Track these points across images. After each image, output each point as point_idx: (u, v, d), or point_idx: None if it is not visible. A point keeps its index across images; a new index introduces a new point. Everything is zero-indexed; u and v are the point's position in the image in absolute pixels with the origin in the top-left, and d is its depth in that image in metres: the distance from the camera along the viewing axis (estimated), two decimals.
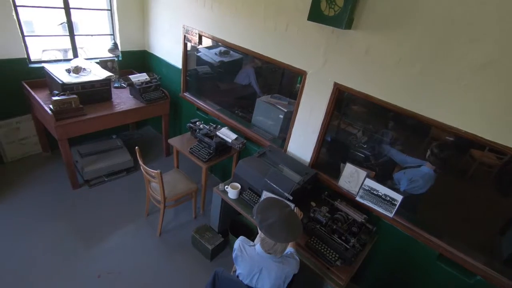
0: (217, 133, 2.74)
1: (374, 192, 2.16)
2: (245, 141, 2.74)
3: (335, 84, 2.12)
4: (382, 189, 2.12)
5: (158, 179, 2.35)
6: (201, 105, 3.31)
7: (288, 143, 2.62)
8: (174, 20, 3.19)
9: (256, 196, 2.29)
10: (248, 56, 2.97)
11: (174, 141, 2.93)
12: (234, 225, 2.68)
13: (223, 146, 2.73)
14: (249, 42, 2.58)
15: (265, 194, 2.10)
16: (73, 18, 3.12)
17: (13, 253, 2.35)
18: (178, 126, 3.83)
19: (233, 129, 2.96)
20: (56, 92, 2.64)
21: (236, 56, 3.52)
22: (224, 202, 2.43)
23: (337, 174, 2.41)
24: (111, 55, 3.45)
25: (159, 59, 3.67)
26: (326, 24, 1.89)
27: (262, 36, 2.45)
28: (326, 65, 2.13)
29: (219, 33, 2.78)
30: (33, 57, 3.00)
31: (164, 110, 3.38)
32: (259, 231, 1.46)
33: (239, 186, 2.34)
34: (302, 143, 2.50)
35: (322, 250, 1.95)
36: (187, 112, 3.58)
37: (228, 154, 2.85)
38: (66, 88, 2.65)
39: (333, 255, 1.92)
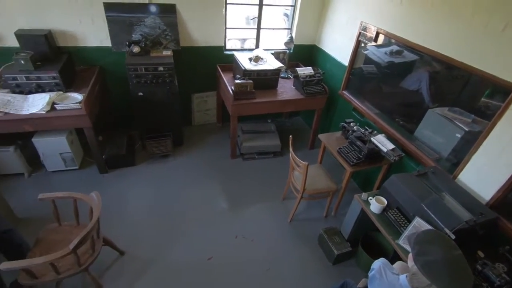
0: (372, 138, 2.55)
1: None
2: (402, 154, 2.43)
3: None
4: None
5: (303, 171, 2.45)
6: (359, 105, 3.16)
7: (461, 170, 2.13)
8: (352, 17, 3.13)
9: (404, 219, 2.01)
10: (424, 58, 2.56)
11: (324, 137, 2.95)
12: (366, 239, 2.49)
13: (375, 154, 2.52)
14: (438, 43, 2.21)
15: (418, 222, 1.81)
16: (255, 14, 3.55)
17: (180, 198, 3.03)
18: (328, 123, 3.83)
19: (389, 137, 2.68)
20: (238, 76, 3.15)
21: (410, 57, 3.09)
22: (363, 213, 2.28)
23: None
24: (284, 47, 3.78)
25: (326, 54, 3.72)
26: None
27: (461, 38, 2.03)
28: None
29: (401, 31, 2.52)
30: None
31: (319, 104, 3.45)
32: (410, 263, 1.27)
33: (386, 202, 2.12)
34: (485, 174, 1.98)
35: None
36: (341, 111, 3.51)
37: (378, 163, 2.62)
38: (246, 73, 3.13)
39: None
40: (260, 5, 3.46)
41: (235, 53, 3.44)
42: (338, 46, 3.46)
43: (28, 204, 2.68)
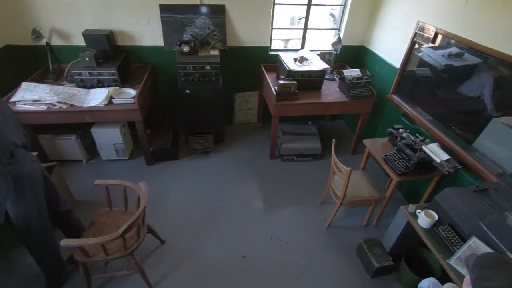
0: (424, 147, 2.37)
1: None
2: (459, 166, 2.22)
3: None
4: None
5: (345, 176, 2.36)
6: (409, 111, 2.96)
7: None
8: (407, 16, 2.94)
9: (457, 237, 1.84)
10: (488, 61, 2.31)
11: (369, 143, 2.81)
12: (410, 254, 2.32)
13: (426, 164, 2.34)
14: (509, 45, 1.98)
15: (475, 243, 1.64)
16: (301, 14, 3.48)
17: (218, 193, 3.08)
18: (373, 128, 3.64)
19: (444, 147, 2.47)
20: (282, 76, 3.13)
21: (472, 60, 2.81)
22: (409, 226, 2.12)
23: None
24: (330, 48, 3.68)
25: (375, 56, 3.55)
26: None
27: None
28: None
29: (465, 31, 2.31)
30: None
31: (365, 108, 3.29)
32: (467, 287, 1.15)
33: (436, 217, 1.96)
34: None
35: None
36: (389, 116, 3.32)
37: (428, 174, 2.43)
38: (290, 74, 3.10)
39: None
40: (309, 5, 3.40)
41: (280, 53, 3.43)
42: (390, 47, 3.27)
43: (84, 188, 2.94)
